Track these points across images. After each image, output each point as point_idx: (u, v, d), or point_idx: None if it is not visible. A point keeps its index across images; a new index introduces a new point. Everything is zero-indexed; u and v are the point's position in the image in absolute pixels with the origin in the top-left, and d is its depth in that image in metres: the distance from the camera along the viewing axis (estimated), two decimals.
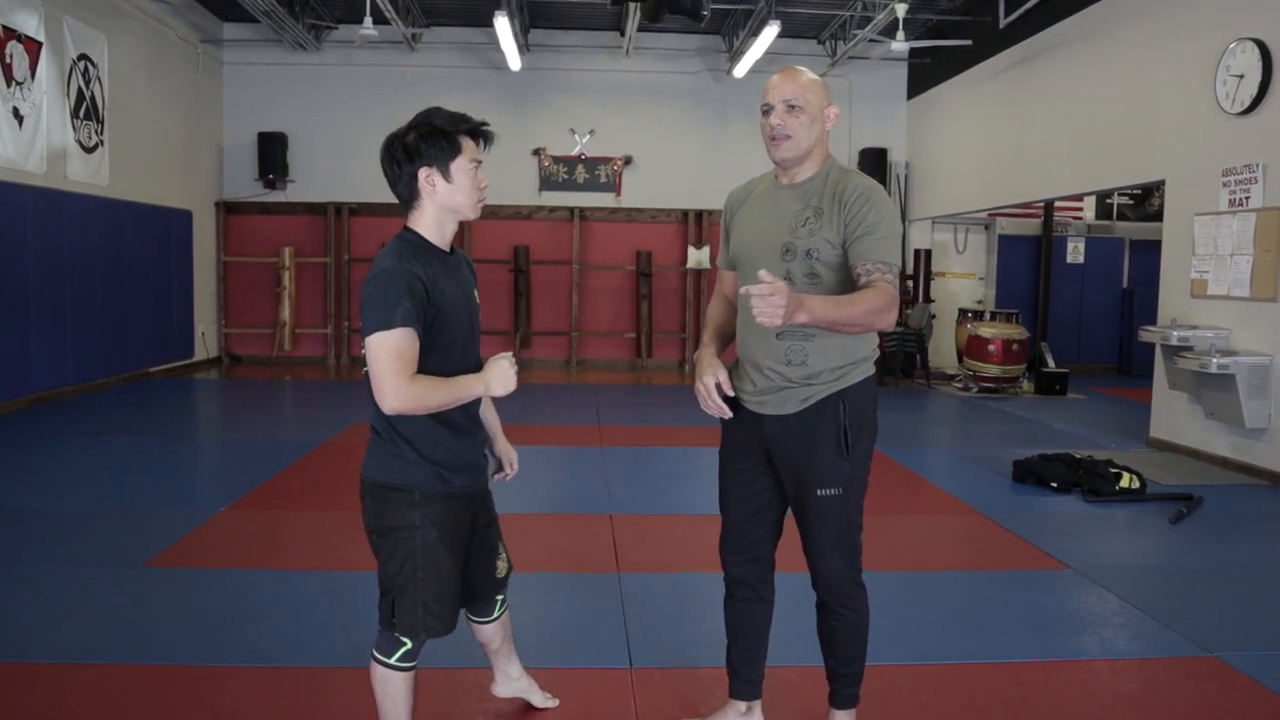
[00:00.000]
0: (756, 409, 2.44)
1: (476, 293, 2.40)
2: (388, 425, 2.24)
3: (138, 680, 2.97)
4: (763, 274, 2.06)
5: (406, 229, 2.29)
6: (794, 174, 2.42)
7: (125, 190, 9.66)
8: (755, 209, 2.49)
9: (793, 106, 2.35)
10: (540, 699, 2.84)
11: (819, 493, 2.38)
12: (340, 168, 12.17)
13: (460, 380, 2.20)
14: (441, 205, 2.26)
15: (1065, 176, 9.07)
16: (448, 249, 2.31)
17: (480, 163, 2.27)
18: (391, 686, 2.33)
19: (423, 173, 2.22)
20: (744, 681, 2.66)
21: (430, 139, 2.21)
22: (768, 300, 2.02)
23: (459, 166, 2.23)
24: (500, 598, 2.62)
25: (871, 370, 2.45)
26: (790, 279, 2.31)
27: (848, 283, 2.32)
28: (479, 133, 2.27)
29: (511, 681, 2.78)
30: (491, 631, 2.65)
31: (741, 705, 2.68)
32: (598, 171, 12.45)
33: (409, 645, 2.31)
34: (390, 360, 2.10)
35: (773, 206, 2.43)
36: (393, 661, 2.32)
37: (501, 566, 2.56)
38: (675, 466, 6.37)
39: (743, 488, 2.53)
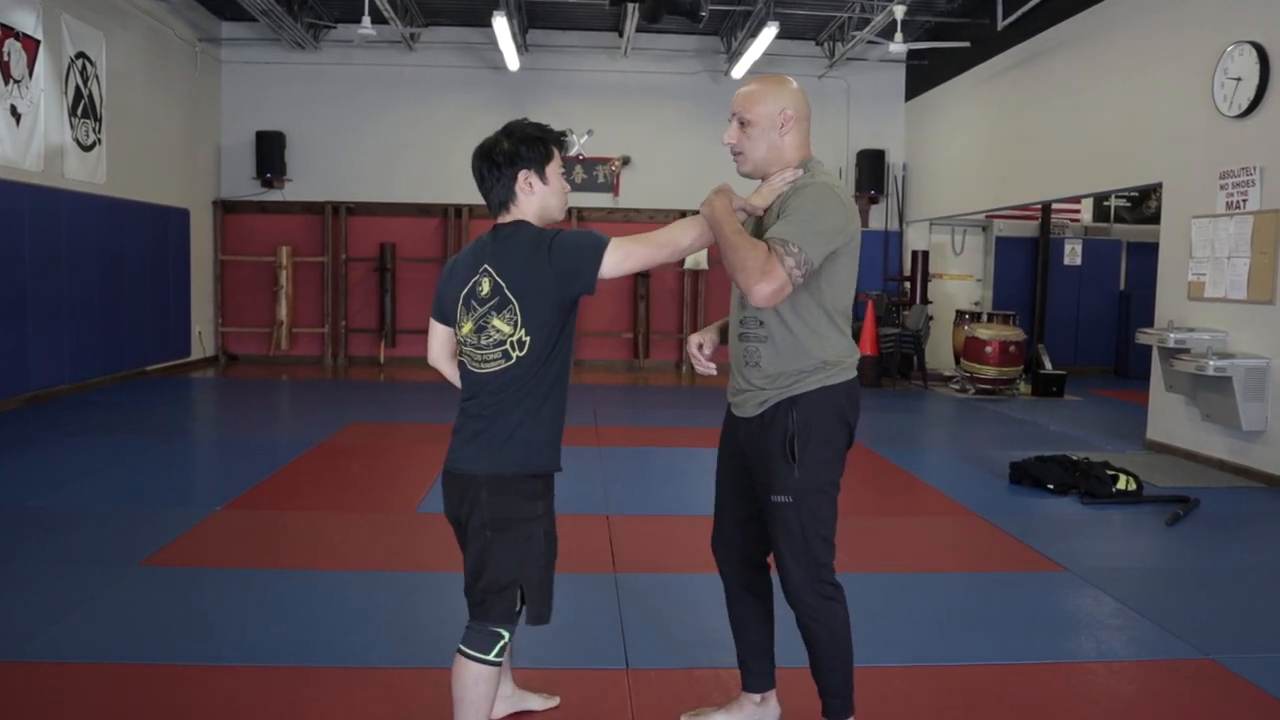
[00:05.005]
0: (734, 410, 2.53)
1: None
2: (524, 417, 2.31)
3: (133, 679, 2.97)
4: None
5: (520, 220, 2.38)
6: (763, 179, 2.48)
7: (123, 189, 9.65)
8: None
9: (742, 122, 2.42)
10: (539, 701, 2.83)
11: (773, 499, 2.40)
12: (338, 167, 12.17)
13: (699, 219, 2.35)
14: (538, 205, 2.39)
15: (1063, 178, 9.08)
16: None
17: (563, 170, 2.46)
18: (487, 684, 2.31)
19: (522, 175, 2.35)
20: (754, 675, 2.70)
21: (528, 143, 2.36)
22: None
23: (553, 170, 2.39)
24: None
25: (834, 380, 2.39)
26: None
27: (817, 275, 2.34)
28: (561, 142, 2.44)
29: (504, 700, 2.75)
30: None
31: (756, 696, 2.71)
32: (596, 172, 12.45)
33: (506, 639, 2.34)
34: (631, 242, 2.31)
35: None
36: (492, 657, 2.31)
37: None
38: (672, 467, 6.37)
39: (729, 488, 2.60)
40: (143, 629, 3.36)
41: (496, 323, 2.30)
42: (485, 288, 2.31)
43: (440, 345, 2.54)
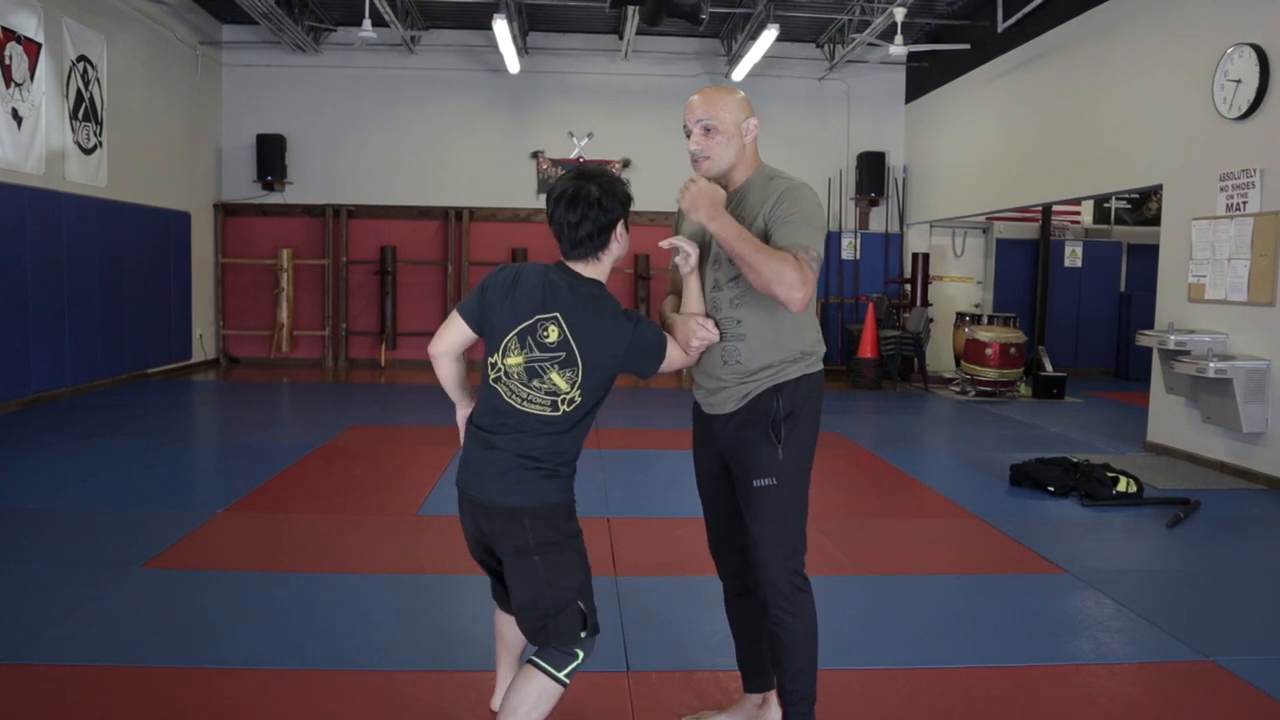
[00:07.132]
0: (708, 410, 2.54)
1: None
2: (552, 456, 2.34)
3: (135, 682, 2.97)
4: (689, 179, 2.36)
5: (599, 282, 2.38)
6: (724, 186, 2.48)
7: (124, 192, 9.66)
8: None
9: (708, 129, 2.43)
10: None
11: (755, 484, 2.41)
12: (339, 170, 12.18)
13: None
14: (617, 254, 2.42)
15: (1063, 180, 9.08)
16: None
17: None
18: (549, 702, 2.27)
19: (619, 225, 2.37)
20: (754, 675, 2.71)
21: (623, 197, 2.37)
22: (690, 189, 2.31)
23: (626, 223, 2.41)
24: None
25: (814, 369, 2.48)
26: (717, 284, 2.46)
27: None
28: None
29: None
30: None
31: (757, 698, 2.72)
32: None
33: (581, 658, 2.32)
34: (674, 346, 2.42)
35: None
36: (563, 675, 2.29)
37: None
38: (673, 469, 6.36)
39: (711, 487, 2.62)
40: (144, 632, 3.36)
41: (554, 376, 2.29)
42: (552, 336, 2.29)
43: (456, 343, 2.44)
